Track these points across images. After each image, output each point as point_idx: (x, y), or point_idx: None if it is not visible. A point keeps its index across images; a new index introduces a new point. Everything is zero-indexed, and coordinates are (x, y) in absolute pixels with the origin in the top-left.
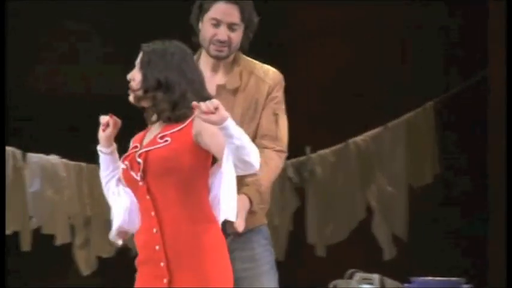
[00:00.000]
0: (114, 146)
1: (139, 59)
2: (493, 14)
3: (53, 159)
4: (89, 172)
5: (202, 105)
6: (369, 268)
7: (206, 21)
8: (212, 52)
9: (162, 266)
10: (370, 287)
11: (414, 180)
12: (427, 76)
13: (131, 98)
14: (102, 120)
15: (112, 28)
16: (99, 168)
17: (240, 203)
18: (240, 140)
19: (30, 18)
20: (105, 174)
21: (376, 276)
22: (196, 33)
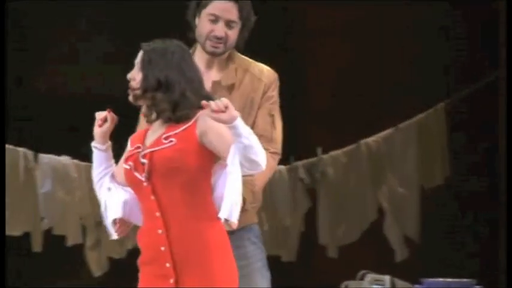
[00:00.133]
0: (109, 143)
1: (139, 58)
2: (502, 15)
3: (65, 160)
4: None
5: (213, 104)
6: (381, 269)
7: (204, 16)
8: (208, 48)
9: (167, 266)
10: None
11: (426, 182)
12: (437, 77)
13: (130, 97)
14: (99, 115)
15: (118, 28)
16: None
17: None
18: (248, 139)
19: (36, 20)
20: (98, 171)
21: (387, 278)
22: (193, 29)
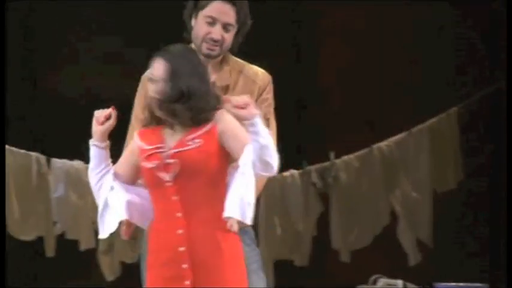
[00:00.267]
0: (107, 141)
1: (161, 71)
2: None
3: (77, 164)
4: None
5: (234, 99)
6: (393, 273)
7: (201, 18)
8: (204, 50)
9: (184, 267)
10: None
11: (438, 186)
12: (450, 81)
13: (159, 111)
14: (102, 113)
15: (134, 32)
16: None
17: None
18: (266, 139)
19: (49, 22)
20: (98, 170)
21: (400, 282)
22: (188, 30)
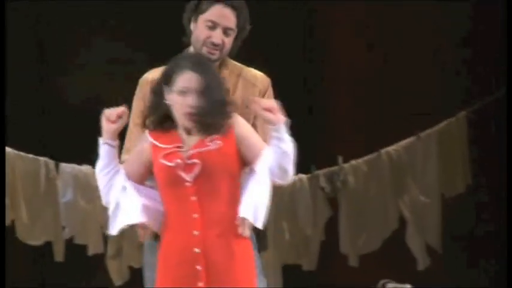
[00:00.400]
0: (118, 140)
1: (196, 83)
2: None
3: (86, 169)
4: None
5: (263, 102)
6: (402, 278)
7: (201, 22)
8: (204, 54)
9: (198, 269)
10: None
11: (447, 190)
12: (458, 85)
13: (192, 123)
14: (113, 111)
15: (145, 40)
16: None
17: None
18: (288, 146)
19: (65, 30)
20: (108, 169)
21: (409, 287)
22: (187, 33)
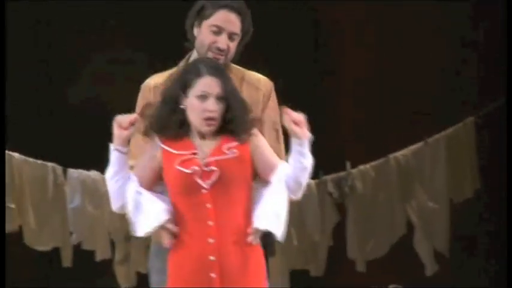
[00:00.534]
0: (128, 147)
1: (218, 89)
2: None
3: (94, 174)
4: None
5: (293, 114)
6: (410, 284)
7: (205, 27)
8: None
9: (213, 277)
10: None
11: (455, 195)
12: (467, 91)
13: (210, 129)
14: (126, 118)
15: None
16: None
17: None
18: (309, 162)
19: (74, 36)
20: (119, 176)
21: None
22: (190, 39)
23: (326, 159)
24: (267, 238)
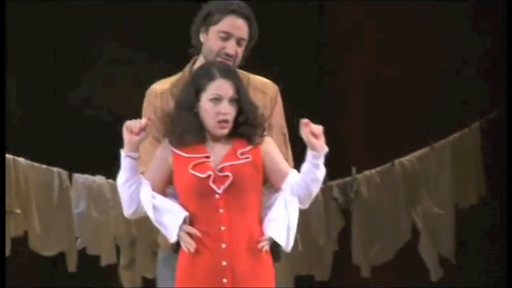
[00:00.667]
0: (138, 152)
1: (232, 91)
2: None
3: (99, 179)
4: None
5: (313, 127)
6: None
7: (213, 33)
8: None
9: (224, 282)
10: None
11: (460, 201)
12: (471, 97)
13: (224, 132)
14: (136, 123)
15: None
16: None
17: None
18: (322, 175)
19: (81, 40)
20: (131, 182)
21: None
22: (196, 45)
23: (331, 164)
24: (272, 244)
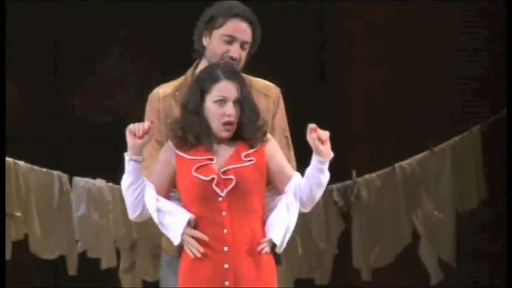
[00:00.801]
0: (142, 155)
1: (235, 93)
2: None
3: (99, 183)
4: None
5: (321, 132)
6: None
7: (217, 37)
8: None
9: (227, 284)
10: None
11: (461, 205)
12: (472, 100)
13: (229, 134)
14: (140, 126)
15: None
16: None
17: None
18: (326, 179)
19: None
20: (136, 185)
21: None
22: (198, 49)
23: (331, 167)
24: (272, 247)
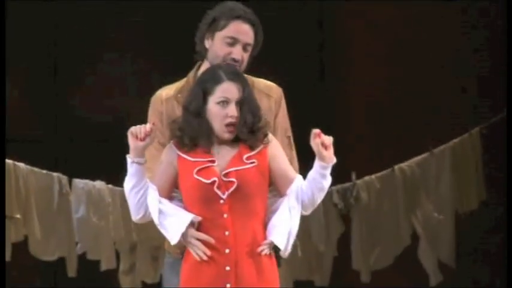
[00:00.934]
0: (144, 157)
1: (240, 93)
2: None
3: (99, 184)
4: None
5: (325, 138)
6: None
7: (219, 39)
8: None
9: (228, 287)
10: None
11: (460, 206)
12: (472, 101)
13: (231, 135)
14: (141, 129)
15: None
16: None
17: None
18: (328, 184)
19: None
20: (139, 187)
21: None
22: (200, 51)
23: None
24: (276, 249)
